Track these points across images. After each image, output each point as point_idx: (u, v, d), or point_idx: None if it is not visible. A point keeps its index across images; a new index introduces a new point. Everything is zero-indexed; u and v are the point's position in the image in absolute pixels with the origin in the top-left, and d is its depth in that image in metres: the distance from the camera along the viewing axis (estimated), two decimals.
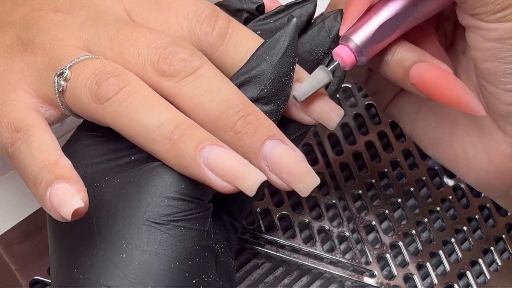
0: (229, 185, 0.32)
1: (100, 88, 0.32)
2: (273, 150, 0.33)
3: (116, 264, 0.31)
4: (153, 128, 0.32)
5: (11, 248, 0.43)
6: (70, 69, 0.33)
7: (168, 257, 0.32)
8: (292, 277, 0.46)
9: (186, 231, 0.32)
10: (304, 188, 0.33)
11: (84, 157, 0.34)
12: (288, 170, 0.33)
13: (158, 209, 0.32)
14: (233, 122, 0.33)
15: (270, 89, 0.34)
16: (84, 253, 0.32)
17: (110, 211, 0.32)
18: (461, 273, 0.48)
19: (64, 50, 0.34)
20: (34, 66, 0.35)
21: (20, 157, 0.33)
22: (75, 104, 0.34)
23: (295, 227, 0.48)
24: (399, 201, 0.50)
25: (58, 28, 0.35)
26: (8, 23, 0.37)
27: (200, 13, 0.35)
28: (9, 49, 0.36)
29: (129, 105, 0.32)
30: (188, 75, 0.33)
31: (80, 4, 0.36)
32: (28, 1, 0.37)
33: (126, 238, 0.32)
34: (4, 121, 0.34)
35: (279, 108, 0.35)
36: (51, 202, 0.31)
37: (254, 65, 0.34)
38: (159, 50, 0.33)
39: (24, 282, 0.42)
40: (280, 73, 0.34)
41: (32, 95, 0.35)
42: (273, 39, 0.34)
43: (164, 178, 0.32)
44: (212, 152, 0.32)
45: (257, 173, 0.32)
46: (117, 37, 0.34)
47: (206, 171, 0.32)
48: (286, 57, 0.34)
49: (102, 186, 0.33)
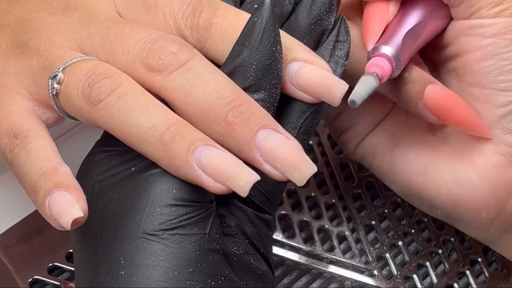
0: (221, 186, 0.31)
1: (92, 90, 0.32)
2: (267, 139, 0.32)
3: (117, 283, 0.31)
4: (145, 130, 0.32)
5: (10, 249, 0.43)
6: (63, 71, 0.33)
7: (165, 267, 0.31)
8: (292, 277, 0.46)
9: (183, 238, 0.32)
10: (299, 177, 0.32)
11: (93, 174, 0.34)
12: (282, 159, 0.32)
13: (151, 219, 0.32)
14: (224, 113, 0.32)
15: (255, 75, 0.33)
16: (91, 273, 0.32)
17: (111, 228, 0.32)
18: (461, 273, 0.48)
19: (58, 52, 0.34)
20: (29, 69, 0.35)
21: (18, 164, 0.33)
22: (69, 107, 0.34)
23: (295, 227, 0.48)
24: (399, 201, 0.50)
25: (52, 30, 0.35)
26: (4, 25, 0.37)
27: (184, 9, 0.35)
28: (5, 51, 0.36)
29: (121, 107, 0.32)
30: (177, 68, 0.33)
31: (73, 5, 0.36)
32: (23, 2, 0.37)
33: (124, 254, 0.31)
34: (3, 127, 0.34)
35: (272, 93, 0.34)
36: (50, 211, 0.31)
37: (237, 54, 0.34)
38: (148, 45, 0.33)
39: (24, 283, 0.42)
40: (263, 57, 0.33)
41: (29, 98, 0.35)
42: (249, 24, 0.34)
43: (155, 187, 0.32)
44: (204, 153, 0.31)
45: (249, 173, 0.31)
46: (108, 36, 0.34)
47: (198, 172, 0.31)
48: (265, 39, 0.33)
49: (105, 203, 0.33)
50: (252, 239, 0.35)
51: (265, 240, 0.36)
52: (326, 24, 0.36)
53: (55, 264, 0.43)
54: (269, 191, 0.36)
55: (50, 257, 0.43)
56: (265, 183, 0.36)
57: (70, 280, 0.43)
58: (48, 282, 0.43)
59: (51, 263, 0.43)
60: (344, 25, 0.36)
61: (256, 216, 0.36)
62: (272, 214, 0.37)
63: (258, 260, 0.35)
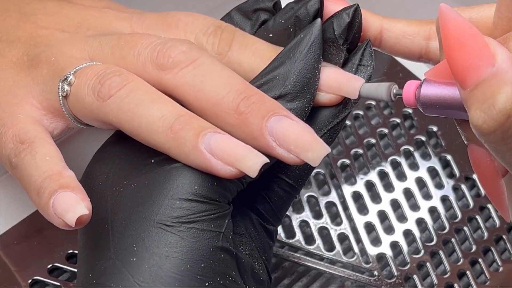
0: (231, 168, 0.31)
1: (103, 86, 0.33)
2: (279, 123, 0.32)
3: (127, 268, 0.31)
4: (155, 120, 0.32)
5: (10, 248, 0.43)
6: (74, 74, 0.34)
7: (178, 259, 0.31)
8: (292, 277, 0.46)
9: (199, 232, 0.32)
10: (314, 157, 0.32)
11: (108, 162, 0.34)
12: (295, 141, 0.32)
13: (169, 211, 0.32)
14: (235, 103, 0.32)
15: (294, 85, 0.34)
16: (99, 257, 0.32)
17: (125, 215, 0.32)
18: (461, 273, 0.48)
19: (69, 60, 0.35)
20: (40, 79, 0.36)
21: (23, 168, 0.33)
22: (78, 107, 0.34)
23: (295, 227, 0.48)
24: (399, 201, 0.50)
25: (63, 43, 0.36)
26: (15, 39, 0.38)
27: (206, 29, 0.36)
28: (16, 65, 0.37)
29: (131, 100, 0.32)
30: (187, 65, 0.33)
31: (87, 25, 0.37)
32: (34, 18, 0.38)
33: (137, 241, 0.31)
34: (9, 132, 0.34)
35: (305, 106, 0.34)
36: (55, 209, 0.31)
37: (279, 64, 0.34)
38: (158, 47, 0.34)
39: (23, 283, 0.42)
40: (305, 70, 0.34)
41: (38, 107, 0.36)
42: (298, 38, 0.34)
43: (177, 180, 0.32)
44: (213, 137, 0.32)
45: (258, 154, 0.31)
46: (118, 44, 0.35)
47: (207, 156, 0.31)
48: (311, 53, 0.34)
49: (120, 191, 0.33)
50: (256, 243, 0.36)
51: (266, 248, 0.37)
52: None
53: (55, 265, 0.43)
54: (275, 202, 0.37)
55: (50, 258, 0.43)
56: (272, 193, 0.36)
57: (71, 281, 0.43)
58: (48, 283, 0.43)
59: (51, 263, 0.43)
60: (369, 50, 0.36)
61: (260, 224, 0.36)
62: (276, 226, 0.37)
63: (260, 265, 0.35)
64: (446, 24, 0.29)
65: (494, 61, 0.28)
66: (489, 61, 0.28)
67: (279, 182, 0.37)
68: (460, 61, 0.28)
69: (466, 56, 0.28)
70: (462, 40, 0.28)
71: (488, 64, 0.28)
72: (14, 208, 0.44)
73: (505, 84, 0.27)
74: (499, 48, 0.28)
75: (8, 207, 0.44)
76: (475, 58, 0.28)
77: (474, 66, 0.28)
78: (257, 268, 0.35)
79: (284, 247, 0.47)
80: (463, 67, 0.28)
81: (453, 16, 0.29)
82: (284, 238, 0.47)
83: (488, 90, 0.28)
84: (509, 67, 0.28)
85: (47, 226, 0.32)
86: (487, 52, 0.28)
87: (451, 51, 0.29)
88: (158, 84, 0.33)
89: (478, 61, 0.28)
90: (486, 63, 0.28)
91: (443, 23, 0.29)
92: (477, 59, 0.28)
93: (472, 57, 0.28)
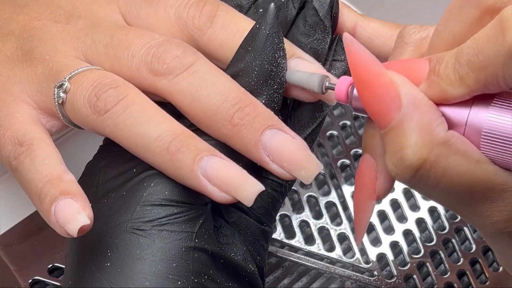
0: (226, 196, 0.32)
1: (99, 100, 0.33)
2: (273, 138, 0.32)
3: (101, 273, 0.32)
4: (152, 140, 0.32)
5: (11, 248, 0.43)
6: (69, 80, 0.34)
7: (149, 260, 0.32)
8: (292, 277, 0.46)
9: (170, 234, 0.32)
10: (307, 175, 0.32)
11: (100, 174, 0.34)
12: (288, 158, 0.32)
13: (141, 216, 0.32)
14: (230, 115, 0.32)
15: (257, 80, 0.34)
16: (78, 264, 0.33)
17: (102, 223, 0.33)
18: (461, 273, 0.48)
19: (64, 61, 0.35)
20: (34, 78, 0.35)
21: (23, 171, 0.33)
22: (75, 116, 0.34)
23: (295, 227, 0.48)
24: (399, 201, 0.50)
25: (57, 38, 0.36)
26: (9, 32, 0.37)
27: (187, 1, 0.35)
28: (10, 59, 0.36)
29: (127, 117, 0.32)
30: (182, 72, 0.33)
31: (77, 14, 0.36)
32: (27, 10, 0.37)
33: (111, 247, 0.32)
34: (7, 134, 0.34)
35: (273, 97, 0.34)
36: (57, 218, 0.31)
37: (240, 58, 0.34)
38: (152, 50, 0.33)
39: (24, 283, 0.42)
40: (265, 63, 0.34)
41: (34, 106, 0.35)
42: (254, 29, 0.34)
43: (149, 187, 0.33)
44: (210, 163, 0.32)
45: (254, 183, 0.32)
46: (112, 43, 0.34)
47: (204, 182, 0.32)
48: (268, 45, 0.33)
49: (104, 202, 0.33)
50: (250, 247, 0.36)
51: (261, 250, 0.37)
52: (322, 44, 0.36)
53: (55, 265, 0.43)
54: (269, 203, 0.37)
55: (50, 258, 0.43)
56: (265, 196, 0.36)
57: None
58: (49, 283, 0.43)
59: (51, 263, 0.43)
60: (341, 44, 0.36)
61: (256, 226, 0.36)
62: (270, 226, 0.38)
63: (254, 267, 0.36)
64: (353, 60, 0.28)
65: (400, 104, 0.28)
66: (396, 104, 0.28)
67: (269, 183, 0.37)
68: (371, 104, 0.28)
69: (375, 100, 0.28)
70: (368, 80, 0.28)
71: (395, 107, 0.28)
72: (14, 208, 0.44)
73: (411, 134, 0.27)
74: (404, 89, 0.28)
75: (9, 207, 0.44)
76: (383, 102, 0.28)
77: (383, 110, 0.28)
78: (245, 267, 0.35)
79: (284, 247, 0.47)
80: (375, 110, 0.28)
81: (358, 52, 0.28)
82: (284, 238, 0.47)
83: (396, 141, 0.28)
84: (413, 111, 0.27)
85: (47, 226, 0.32)
86: (393, 93, 0.28)
87: (361, 92, 0.28)
88: (153, 89, 0.33)
89: (386, 105, 0.28)
90: (393, 106, 0.28)
91: (349, 58, 0.28)
92: (385, 103, 0.28)
93: (381, 100, 0.28)
